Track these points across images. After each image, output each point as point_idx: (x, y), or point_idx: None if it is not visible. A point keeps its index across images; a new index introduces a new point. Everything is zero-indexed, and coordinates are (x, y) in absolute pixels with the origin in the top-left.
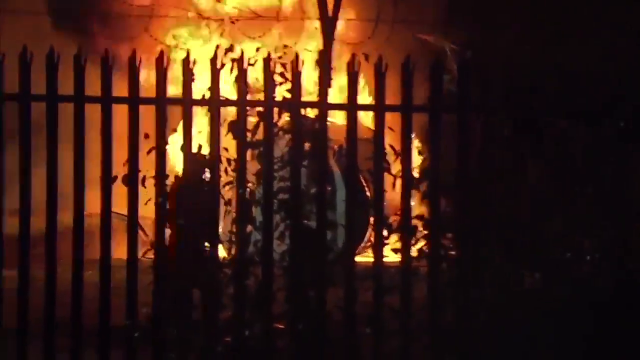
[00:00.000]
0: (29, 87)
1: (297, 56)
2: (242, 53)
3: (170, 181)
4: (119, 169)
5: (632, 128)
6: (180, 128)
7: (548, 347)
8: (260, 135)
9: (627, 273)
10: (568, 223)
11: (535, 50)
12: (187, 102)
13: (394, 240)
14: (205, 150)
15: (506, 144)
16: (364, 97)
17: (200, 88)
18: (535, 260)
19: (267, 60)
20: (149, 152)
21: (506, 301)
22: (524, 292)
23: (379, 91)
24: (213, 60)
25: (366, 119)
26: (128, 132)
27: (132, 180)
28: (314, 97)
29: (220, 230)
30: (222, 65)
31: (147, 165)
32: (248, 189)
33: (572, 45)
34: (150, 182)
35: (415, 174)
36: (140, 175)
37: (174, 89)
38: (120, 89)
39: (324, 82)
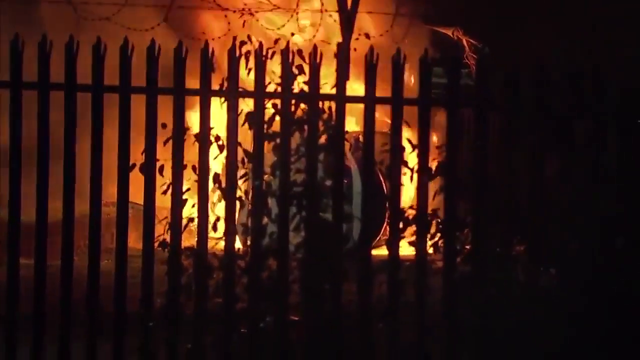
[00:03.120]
0: (47, 76)
1: (315, 48)
2: (261, 44)
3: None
4: (137, 158)
5: None
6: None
7: (564, 346)
8: (276, 127)
9: None
10: (591, 220)
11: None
12: (205, 92)
13: (410, 234)
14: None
15: (528, 140)
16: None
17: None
18: (553, 258)
19: (285, 52)
20: (165, 142)
21: (523, 298)
22: (540, 290)
23: (396, 84)
24: (231, 51)
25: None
26: (145, 122)
27: (148, 169)
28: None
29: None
30: (240, 55)
31: (165, 154)
32: (264, 181)
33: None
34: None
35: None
36: (158, 164)
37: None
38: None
39: (342, 74)
